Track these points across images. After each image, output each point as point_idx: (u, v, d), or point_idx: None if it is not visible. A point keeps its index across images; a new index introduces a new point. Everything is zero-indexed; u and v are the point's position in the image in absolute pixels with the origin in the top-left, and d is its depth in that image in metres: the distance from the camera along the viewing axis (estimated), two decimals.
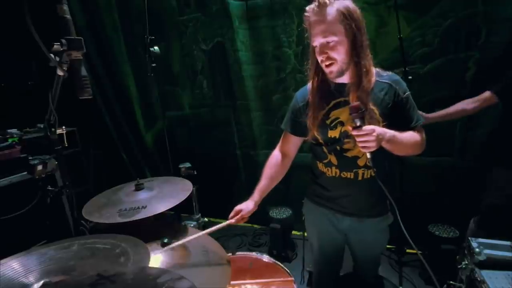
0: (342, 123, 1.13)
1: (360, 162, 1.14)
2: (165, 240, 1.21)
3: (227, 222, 1.33)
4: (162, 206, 1.31)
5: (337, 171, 1.18)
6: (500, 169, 1.65)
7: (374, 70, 1.11)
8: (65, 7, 0.70)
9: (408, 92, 1.11)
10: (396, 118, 1.09)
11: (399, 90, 1.10)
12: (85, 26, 2.88)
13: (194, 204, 2.06)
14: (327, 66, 1.07)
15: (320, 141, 1.19)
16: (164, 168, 3.04)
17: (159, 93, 2.71)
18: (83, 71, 0.75)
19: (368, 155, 1.02)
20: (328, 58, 1.04)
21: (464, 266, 1.32)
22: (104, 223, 1.24)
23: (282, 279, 1.31)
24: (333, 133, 1.15)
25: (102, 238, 1.04)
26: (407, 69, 1.68)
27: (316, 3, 1.02)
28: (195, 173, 1.99)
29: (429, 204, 2.15)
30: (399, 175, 1.85)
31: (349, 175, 1.16)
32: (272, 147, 2.67)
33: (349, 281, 1.36)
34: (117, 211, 1.28)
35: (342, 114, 1.13)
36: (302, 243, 2.09)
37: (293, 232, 2.51)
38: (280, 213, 2.36)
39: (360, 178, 1.16)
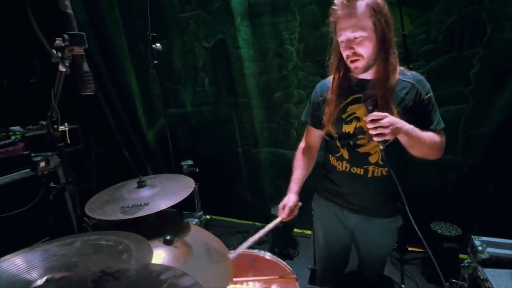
0: (358, 119, 1.12)
1: (372, 159, 1.13)
2: (168, 238, 1.21)
3: (278, 219, 1.37)
4: (164, 203, 1.30)
5: (348, 165, 1.17)
6: None
7: (399, 68, 1.09)
8: (67, 2, 0.69)
9: (430, 94, 1.08)
10: (416, 118, 1.05)
11: (422, 90, 1.07)
12: (87, 23, 2.87)
13: (196, 201, 2.05)
14: (352, 62, 1.05)
15: (334, 135, 1.19)
16: (166, 166, 3.05)
17: (160, 90, 2.72)
18: (85, 67, 0.75)
19: (381, 146, 0.98)
20: (355, 54, 1.02)
21: (467, 264, 1.31)
22: (105, 220, 1.24)
23: (284, 276, 1.30)
24: (348, 128, 1.14)
25: (104, 235, 1.03)
26: (410, 66, 1.66)
27: None
28: (197, 170, 1.98)
29: (431, 202, 2.14)
30: (401, 172, 1.84)
31: (359, 171, 1.15)
32: (274, 145, 2.70)
33: (353, 279, 1.35)
34: (119, 208, 1.28)
35: (359, 109, 1.12)
36: (312, 239, 2.08)
37: (295, 230, 2.51)
38: None
39: (369, 175, 1.14)
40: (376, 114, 0.95)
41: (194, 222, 1.97)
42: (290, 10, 2.30)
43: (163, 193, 1.40)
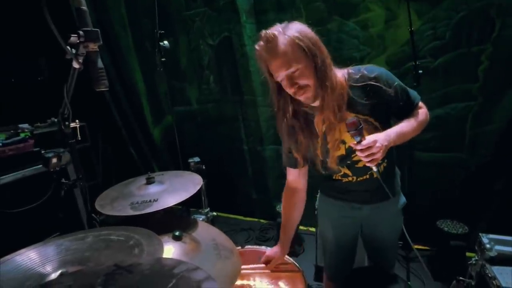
0: (343, 141, 1.09)
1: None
2: (177, 233, 1.23)
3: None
4: (173, 200, 1.32)
5: (354, 177, 1.16)
6: None
7: (341, 80, 1.03)
8: None
9: (396, 83, 1.03)
10: (394, 110, 1.05)
11: (384, 86, 1.01)
12: (94, 22, 2.87)
13: (203, 198, 2.07)
14: (302, 94, 1.00)
15: (331, 166, 1.15)
16: (173, 163, 3.07)
17: (167, 88, 2.73)
18: (100, 63, 0.75)
19: (374, 169, 0.97)
20: (300, 87, 0.98)
21: (474, 262, 1.30)
22: (113, 216, 1.26)
23: (291, 272, 1.31)
24: (339, 152, 1.11)
25: (115, 230, 1.05)
26: (417, 63, 1.64)
27: (264, 39, 0.96)
28: (204, 167, 1.99)
29: (438, 200, 2.13)
30: (408, 170, 1.83)
31: (365, 177, 1.15)
32: (279, 143, 2.68)
33: (363, 274, 1.35)
34: (129, 204, 1.30)
35: (340, 134, 1.08)
36: (315, 238, 2.08)
37: (300, 227, 2.52)
38: None
39: (375, 176, 1.14)
40: (364, 144, 0.92)
41: (201, 219, 1.99)
42: (295, 7, 2.29)
43: (171, 190, 1.41)
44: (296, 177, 1.27)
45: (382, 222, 1.25)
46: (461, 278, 1.37)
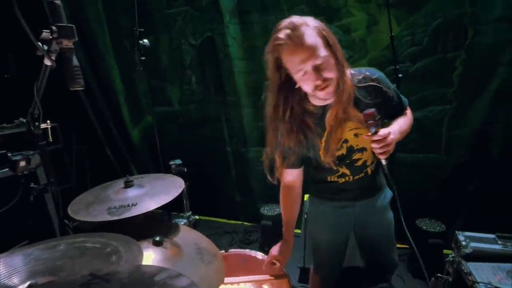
0: (346, 141, 1.11)
1: (368, 163, 1.17)
2: (157, 238, 1.19)
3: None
4: (153, 204, 1.28)
5: (351, 177, 1.18)
6: None
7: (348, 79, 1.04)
8: None
9: (392, 86, 1.10)
10: (387, 111, 1.09)
11: (384, 87, 1.07)
12: (67, 17, 2.76)
13: (184, 201, 2.03)
14: (323, 89, 0.98)
15: (330, 163, 1.15)
16: (153, 165, 2.99)
17: (147, 87, 2.67)
18: (75, 61, 0.72)
19: (384, 162, 0.99)
20: (325, 80, 0.95)
21: (451, 259, 1.36)
22: (88, 222, 1.20)
23: (276, 275, 1.31)
24: (340, 152, 1.12)
25: (91, 237, 1.00)
26: (397, 67, 1.71)
27: (290, 26, 0.93)
28: (186, 170, 1.96)
29: (417, 200, 2.22)
30: (389, 171, 1.89)
31: (360, 175, 1.18)
32: (263, 144, 2.69)
33: (352, 273, 1.37)
34: (106, 209, 1.24)
35: (342, 133, 1.09)
36: (303, 238, 2.09)
37: None
38: (271, 210, 2.37)
39: (369, 173, 1.19)
40: (381, 135, 0.93)
41: (182, 223, 1.95)
42: (279, 8, 2.31)
43: (151, 193, 1.37)
44: (294, 177, 1.26)
45: (373, 217, 1.27)
46: (439, 275, 1.43)
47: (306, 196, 2.24)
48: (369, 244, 1.35)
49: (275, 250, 1.33)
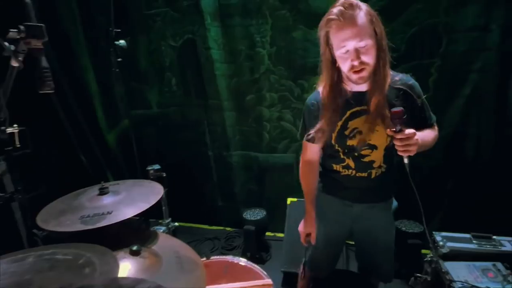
0: (360, 132, 1.15)
1: (375, 164, 1.20)
2: (135, 248, 1.16)
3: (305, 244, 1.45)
4: (130, 211, 1.24)
5: (354, 171, 1.23)
6: None
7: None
8: None
9: (423, 97, 1.15)
10: (413, 120, 1.10)
11: (414, 95, 1.13)
12: (37, 15, 2.65)
13: (163, 208, 1.99)
14: (357, 72, 1.03)
15: (338, 148, 1.21)
16: (130, 171, 2.90)
17: (124, 90, 2.60)
18: (44, 62, 0.68)
19: (406, 160, 1.02)
20: (362, 63, 1.01)
21: (429, 258, 1.42)
22: (59, 232, 1.15)
23: (259, 282, 1.30)
24: (352, 142, 1.17)
25: (62, 248, 0.96)
26: None
27: (345, 5, 0.99)
28: (165, 175, 1.93)
29: (397, 201, 2.30)
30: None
31: (364, 174, 1.22)
32: (246, 148, 2.71)
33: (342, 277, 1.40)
34: (79, 218, 1.19)
35: (360, 123, 1.14)
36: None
37: (267, 233, 2.53)
38: (254, 214, 2.37)
39: (373, 176, 1.22)
40: (406, 134, 0.97)
41: (161, 230, 1.91)
42: (261, 13, 2.33)
43: (128, 200, 1.33)
44: (315, 152, 1.32)
45: (373, 225, 1.31)
46: (418, 274, 1.48)
47: (289, 200, 2.28)
48: (364, 249, 1.40)
49: (302, 226, 1.42)
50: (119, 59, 1.70)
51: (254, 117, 2.58)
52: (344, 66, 1.05)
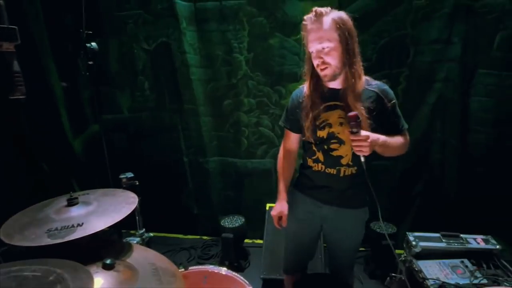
0: (330, 125, 1.26)
1: (343, 161, 1.28)
2: (108, 261, 1.11)
3: (279, 227, 1.51)
4: (103, 223, 1.19)
5: (323, 166, 1.32)
6: None
7: (364, 77, 1.26)
8: None
9: (394, 101, 1.27)
10: (383, 124, 1.23)
11: (386, 99, 1.25)
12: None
13: (137, 218, 1.92)
14: (322, 70, 1.19)
15: (311, 139, 1.31)
16: (99, 179, 2.77)
17: (92, 94, 2.48)
18: (16, 66, 0.65)
19: (362, 159, 1.15)
20: (323, 62, 1.17)
21: (403, 258, 1.50)
22: (22, 247, 1.07)
23: None
24: (321, 133, 1.28)
25: (29, 264, 0.90)
26: None
27: (314, 13, 1.16)
28: (138, 183, 1.87)
29: (370, 203, 2.41)
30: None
31: (333, 171, 1.30)
32: (223, 154, 2.70)
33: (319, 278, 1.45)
34: (46, 231, 1.12)
35: (331, 116, 1.27)
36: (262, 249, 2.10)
37: (246, 240, 2.53)
38: (233, 221, 2.35)
39: (341, 174, 1.30)
40: (359, 136, 1.10)
41: (135, 242, 1.84)
42: (238, 19, 2.36)
43: (100, 211, 1.27)
44: (293, 141, 1.47)
45: (341, 229, 1.40)
46: (393, 274, 1.56)
47: (268, 206, 2.30)
48: (333, 250, 1.49)
49: (276, 210, 1.49)
50: (90, 62, 1.63)
51: (232, 122, 2.59)
52: (314, 63, 1.22)
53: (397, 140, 1.27)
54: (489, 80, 2.10)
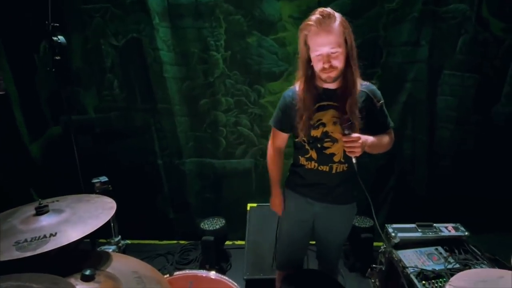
0: (324, 124, 1.30)
1: (336, 158, 1.33)
2: (87, 272, 1.04)
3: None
4: (80, 231, 1.12)
5: (316, 164, 1.35)
6: None
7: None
8: None
9: (382, 101, 1.35)
10: (372, 122, 1.30)
11: (375, 99, 1.33)
12: None
13: (112, 225, 1.82)
14: (327, 72, 1.20)
15: (303, 138, 1.33)
16: (63, 185, 2.58)
17: (52, 93, 2.31)
18: None
19: (354, 160, 1.21)
20: (331, 66, 1.19)
21: (383, 249, 1.59)
22: None
23: None
24: (315, 133, 1.31)
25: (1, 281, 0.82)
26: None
27: (321, 15, 1.16)
28: (111, 188, 1.78)
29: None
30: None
31: (325, 168, 1.34)
32: (201, 155, 2.65)
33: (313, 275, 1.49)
34: (14, 244, 1.03)
35: (325, 116, 1.30)
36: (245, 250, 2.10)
37: (227, 242, 2.50)
38: (213, 224, 2.32)
39: (334, 171, 1.35)
40: (352, 138, 1.16)
41: (111, 250, 1.74)
42: (215, 16, 2.33)
43: (75, 219, 1.19)
44: (284, 140, 1.50)
45: (332, 225, 1.46)
46: (374, 265, 1.65)
47: (249, 206, 2.30)
48: (322, 246, 1.55)
49: (275, 205, 1.56)
50: (57, 57, 1.52)
51: (209, 122, 2.55)
52: (317, 67, 1.22)
53: (385, 139, 1.36)
54: (453, 81, 2.30)
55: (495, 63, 2.25)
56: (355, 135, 1.17)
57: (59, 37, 1.49)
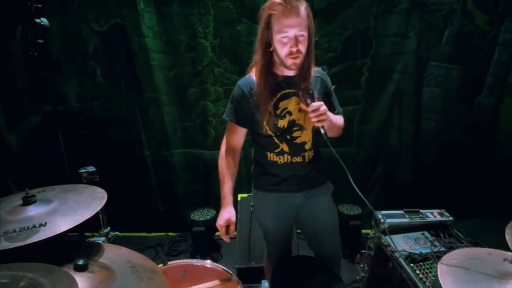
0: (290, 113, 1.28)
1: (307, 146, 1.33)
2: (81, 262, 1.03)
3: (227, 239, 1.40)
4: (70, 221, 1.11)
5: (289, 157, 1.33)
6: None
7: None
8: None
9: (332, 86, 1.41)
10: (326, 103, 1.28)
11: (327, 82, 1.38)
12: None
13: (101, 216, 1.81)
14: (293, 58, 1.16)
15: (270, 132, 1.28)
16: (41, 177, 2.50)
17: (29, 81, 2.21)
18: None
19: (322, 130, 1.18)
20: (298, 51, 1.14)
21: (372, 235, 1.66)
22: None
23: (222, 278, 1.32)
24: (282, 123, 1.28)
25: None
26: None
27: None
28: (98, 179, 1.76)
29: (336, 187, 2.59)
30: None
31: (299, 159, 1.33)
32: (189, 146, 2.64)
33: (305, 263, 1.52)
34: (2, 234, 1.02)
35: (290, 104, 1.27)
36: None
37: (217, 233, 2.52)
38: (203, 214, 2.33)
39: (307, 160, 1.35)
40: (315, 105, 1.15)
41: (101, 241, 1.73)
42: (203, 3, 2.29)
43: (64, 209, 1.18)
44: (241, 137, 1.39)
45: (317, 209, 1.45)
46: (363, 251, 1.72)
47: (240, 196, 2.32)
48: (314, 235, 1.52)
49: (222, 219, 1.36)
50: (40, 41, 1.46)
51: (198, 112, 2.53)
52: (282, 51, 1.16)
53: (340, 119, 1.39)
54: (438, 72, 2.39)
55: (479, 55, 2.34)
56: (317, 103, 1.16)
57: (42, 19, 1.43)
